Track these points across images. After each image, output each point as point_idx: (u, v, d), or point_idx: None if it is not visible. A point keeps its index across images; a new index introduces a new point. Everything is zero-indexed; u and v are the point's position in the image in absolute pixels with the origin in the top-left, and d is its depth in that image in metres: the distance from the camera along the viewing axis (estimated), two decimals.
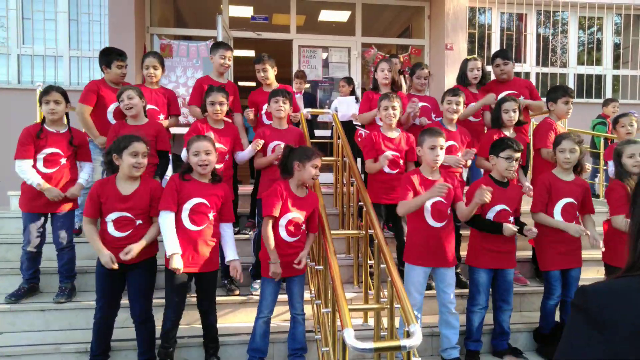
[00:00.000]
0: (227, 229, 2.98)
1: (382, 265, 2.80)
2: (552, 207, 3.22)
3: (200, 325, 3.03)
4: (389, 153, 3.46)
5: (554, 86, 3.98)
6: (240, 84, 7.84)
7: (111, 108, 3.85)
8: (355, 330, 2.07)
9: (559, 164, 3.27)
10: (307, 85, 7.01)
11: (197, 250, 2.81)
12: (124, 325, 3.09)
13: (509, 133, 3.65)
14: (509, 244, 3.14)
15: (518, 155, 3.10)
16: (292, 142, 3.54)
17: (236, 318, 3.41)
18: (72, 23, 6.66)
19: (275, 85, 4.05)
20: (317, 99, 7.49)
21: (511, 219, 3.12)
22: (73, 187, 3.37)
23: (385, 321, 2.87)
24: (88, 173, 3.52)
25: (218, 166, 3.19)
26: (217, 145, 3.17)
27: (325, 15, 8.17)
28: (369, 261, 3.31)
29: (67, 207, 3.39)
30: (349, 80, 6.11)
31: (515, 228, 3.01)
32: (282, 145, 3.45)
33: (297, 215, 2.89)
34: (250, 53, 9.75)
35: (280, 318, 3.41)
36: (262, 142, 3.52)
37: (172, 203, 2.77)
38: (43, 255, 3.49)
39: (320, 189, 3.32)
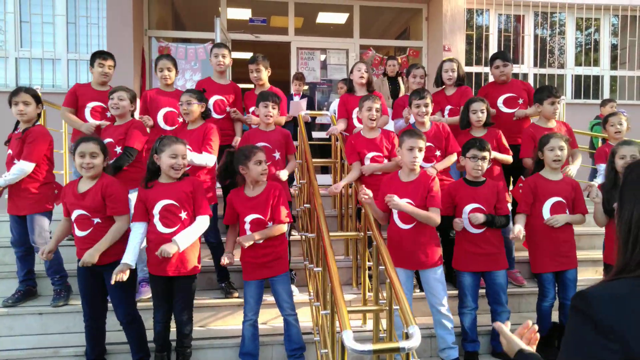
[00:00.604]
0: (197, 219, 2.84)
1: (380, 267, 2.79)
2: (541, 206, 3.20)
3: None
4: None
5: (540, 87, 3.95)
6: (239, 86, 7.83)
7: (88, 108, 3.77)
8: (354, 332, 2.06)
9: (548, 163, 3.23)
10: (306, 87, 7.02)
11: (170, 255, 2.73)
12: (120, 329, 3.07)
13: (477, 134, 3.62)
14: (495, 246, 3.10)
15: (484, 154, 3.12)
16: (277, 144, 3.52)
17: (234, 320, 3.40)
18: (70, 26, 6.67)
19: (267, 86, 4.05)
20: (316, 100, 7.49)
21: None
22: None
23: (384, 323, 2.86)
24: (12, 171, 3.29)
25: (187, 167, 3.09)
26: (187, 147, 3.05)
27: (323, 18, 8.19)
28: (367, 263, 3.31)
29: (31, 209, 3.33)
30: (348, 82, 6.09)
31: (462, 223, 3.05)
32: (268, 146, 3.46)
33: (256, 216, 2.88)
34: (249, 55, 9.73)
35: (277, 320, 3.39)
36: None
37: (139, 214, 2.79)
38: (38, 259, 3.47)
39: (318, 190, 3.32)
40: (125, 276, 2.64)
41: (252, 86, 4.28)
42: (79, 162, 2.72)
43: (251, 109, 4.02)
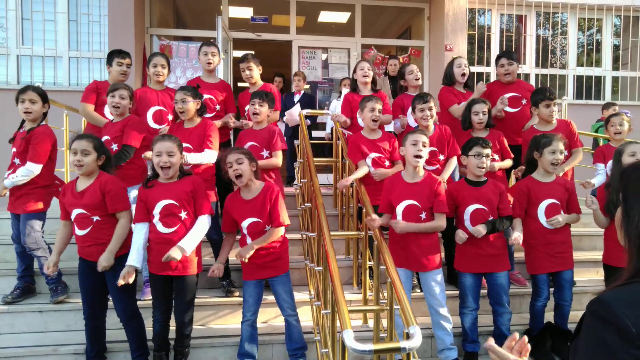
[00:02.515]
0: (198, 221, 2.82)
1: (381, 267, 2.79)
2: (535, 209, 3.18)
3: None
4: (372, 169, 3.52)
5: (536, 89, 3.93)
6: (240, 84, 7.83)
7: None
8: (354, 331, 2.06)
9: (546, 165, 3.19)
10: (307, 86, 7.01)
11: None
12: (120, 327, 3.07)
13: (480, 135, 3.58)
14: (497, 247, 3.10)
15: (487, 151, 3.11)
16: (264, 142, 3.50)
17: (235, 319, 3.40)
18: (71, 24, 6.66)
19: (260, 84, 4.04)
20: (317, 100, 7.49)
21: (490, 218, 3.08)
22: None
23: (384, 323, 2.86)
24: (20, 173, 3.29)
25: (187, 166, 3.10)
26: (185, 144, 3.08)
27: (325, 17, 8.18)
28: (368, 262, 3.31)
29: (24, 209, 3.31)
30: (352, 81, 6.10)
31: (464, 236, 2.98)
32: (256, 145, 3.47)
33: (254, 219, 2.86)
34: (252, 53, 9.75)
35: (278, 320, 3.40)
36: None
37: (140, 214, 2.78)
38: None
39: (319, 190, 3.31)
40: (131, 279, 2.65)
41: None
42: (71, 160, 2.73)
43: (246, 108, 4.03)
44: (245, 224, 2.87)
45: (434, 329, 3.05)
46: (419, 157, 2.94)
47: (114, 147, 3.35)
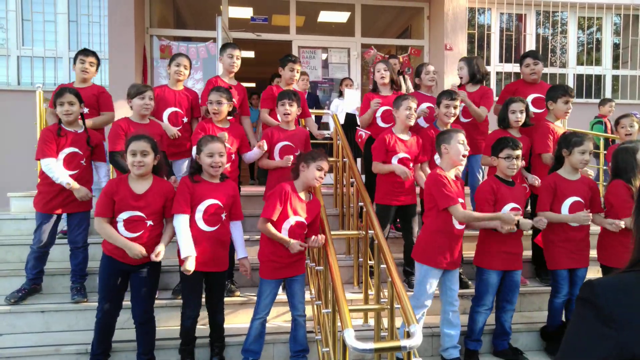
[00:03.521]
0: (236, 228, 3.01)
1: (382, 266, 2.80)
2: (559, 206, 3.22)
3: (204, 326, 3.03)
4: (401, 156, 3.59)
5: (554, 85, 3.95)
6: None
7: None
8: (355, 330, 2.07)
9: (575, 163, 3.21)
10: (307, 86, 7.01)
11: (211, 251, 2.83)
12: (124, 326, 3.09)
13: (515, 134, 3.63)
14: (519, 246, 3.15)
15: (518, 152, 3.10)
16: (299, 143, 3.57)
17: (236, 319, 3.41)
18: (71, 24, 6.67)
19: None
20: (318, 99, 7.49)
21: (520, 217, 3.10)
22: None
23: (385, 321, 2.87)
24: (105, 173, 3.55)
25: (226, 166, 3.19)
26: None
27: (325, 16, 8.18)
28: (369, 262, 3.31)
29: (83, 206, 3.40)
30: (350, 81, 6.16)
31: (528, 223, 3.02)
32: (291, 145, 3.52)
33: (300, 219, 2.89)
34: (250, 54, 9.76)
35: (281, 319, 3.41)
36: (265, 144, 3.49)
37: (185, 206, 2.80)
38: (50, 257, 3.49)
39: (320, 189, 3.32)
40: (192, 266, 2.71)
41: (252, 85, 4.27)
42: (131, 160, 2.72)
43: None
44: (293, 219, 2.86)
45: (443, 326, 3.06)
46: (465, 155, 3.01)
47: None
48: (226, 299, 3.44)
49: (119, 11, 6.30)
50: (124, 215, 2.71)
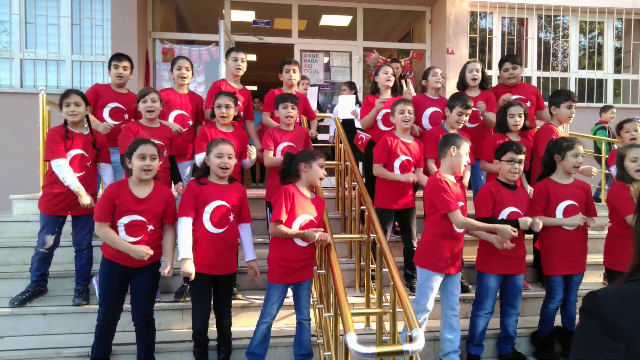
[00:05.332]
0: (245, 230, 3.02)
1: (384, 270, 2.79)
2: (554, 210, 3.21)
3: (212, 328, 3.02)
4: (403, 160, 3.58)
5: (556, 90, 3.96)
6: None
7: (107, 108, 3.80)
8: (357, 334, 2.06)
9: (568, 167, 3.22)
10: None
11: (220, 253, 2.83)
12: (125, 329, 3.08)
13: (514, 138, 3.64)
14: (521, 250, 3.14)
15: (520, 157, 3.10)
16: (300, 143, 3.59)
17: (237, 322, 3.39)
18: (74, 27, 6.70)
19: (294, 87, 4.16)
20: (319, 103, 7.49)
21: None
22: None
23: (387, 325, 2.86)
24: (110, 176, 3.51)
25: None
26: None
27: (327, 20, 8.20)
28: (371, 265, 3.31)
29: (89, 209, 3.36)
30: (351, 85, 6.12)
31: (515, 233, 2.97)
32: (293, 145, 3.54)
33: (309, 217, 2.89)
34: (252, 57, 9.78)
35: (283, 322, 3.40)
36: (254, 153, 3.58)
37: (189, 209, 2.80)
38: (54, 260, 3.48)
39: (322, 192, 3.32)
40: (192, 271, 2.70)
41: (254, 88, 4.29)
42: (139, 165, 2.70)
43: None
44: (301, 219, 2.86)
45: (444, 331, 3.05)
46: (466, 164, 3.06)
47: (165, 152, 3.39)
48: None
49: (121, 14, 6.33)
50: (124, 220, 2.70)
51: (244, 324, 3.38)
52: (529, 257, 4.07)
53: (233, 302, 3.43)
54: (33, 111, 4.74)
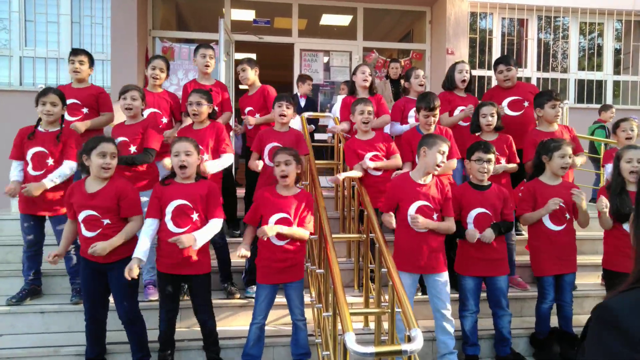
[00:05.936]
0: (211, 221, 2.85)
1: (383, 269, 2.80)
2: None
3: (199, 328, 3.02)
4: (367, 161, 3.48)
5: (539, 92, 3.93)
6: (242, 87, 7.84)
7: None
8: (356, 334, 2.06)
9: (555, 169, 3.22)
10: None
11: (183, 253, 2.74)
12: (120, 328, 3.08)
13: (489, 138, 3.61)
14: (499, 252, 3.11)
15: (489, 156, 3.10)
16: (289, 144, 3.50)
17: (236, 321, 3.41)
18: (74, 25, 6.70)
19: (257, 85, 4.19)
20: (318, 102, 7.50)
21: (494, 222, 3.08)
22: (34, 183, 3.21)
23: (386, 325, 2.86)
24: (62, 170, 3.28)
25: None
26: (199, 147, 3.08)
27: (327, 19, 8.20)
28: (369, 265, 3.31)
29: (64, 210, 3.30)
30: (349, 84, 6.10)
31: (477, 234, 2.99)
32: (279, 146, 3.45)
33: (282, 215, 2.87)
34: (252, 56, 9.77)
35: (281, 322, 3.41)
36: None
37: (153, 211, 2.80)
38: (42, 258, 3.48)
39: (321, 192, 3.32)
40: (136, 272, 2.65)
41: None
42: (99, 162, 2.71)
43: (246, 110, 4.09)
44: (274, 218, 2.87)
45: (437, 333, 3.04)
46: (440, 165, 2.95)
47: (132, 149, 3.38)
48: (226, 301, 3.45)
49: (121, 13, 6.32)
50: (81, 216, 2.76)
51: (242, 323, 3.38)
52: (526, 258, 4.08)
53: (231, 301, 3.45)
54: (32, 109, 4.71)
